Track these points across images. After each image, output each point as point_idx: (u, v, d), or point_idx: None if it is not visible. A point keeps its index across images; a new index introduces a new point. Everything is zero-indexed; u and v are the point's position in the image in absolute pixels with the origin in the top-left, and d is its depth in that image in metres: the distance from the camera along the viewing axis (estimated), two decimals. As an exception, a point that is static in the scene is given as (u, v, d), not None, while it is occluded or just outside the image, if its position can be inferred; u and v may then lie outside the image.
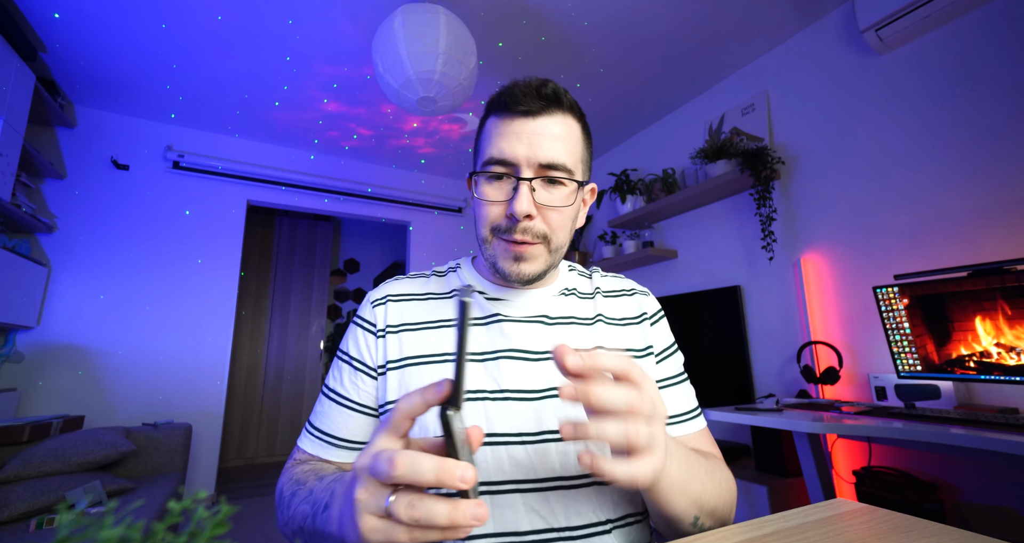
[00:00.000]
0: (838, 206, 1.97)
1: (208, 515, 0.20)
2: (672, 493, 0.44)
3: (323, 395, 0.63)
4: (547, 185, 0.57)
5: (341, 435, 0.60)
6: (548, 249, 0.58)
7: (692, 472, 0.47)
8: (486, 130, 0.60)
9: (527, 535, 0.50)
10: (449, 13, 1.76)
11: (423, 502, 0.30)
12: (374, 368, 0.61)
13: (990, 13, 1.59)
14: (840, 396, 1.88)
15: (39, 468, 1.71)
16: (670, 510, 0.45)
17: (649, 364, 0.62)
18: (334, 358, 0.65)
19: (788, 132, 2.20)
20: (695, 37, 2.21)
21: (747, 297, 2.30)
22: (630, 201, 2.86)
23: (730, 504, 0.54)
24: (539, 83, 0.57)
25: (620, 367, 0.36)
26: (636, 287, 0.70)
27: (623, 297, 0.68)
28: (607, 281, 0.70)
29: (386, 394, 0.59)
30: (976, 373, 1.36)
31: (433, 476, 0.29)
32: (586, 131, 0.62)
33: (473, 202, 0.61)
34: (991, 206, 1.54)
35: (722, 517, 0.52)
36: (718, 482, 0.52)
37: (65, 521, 0.19)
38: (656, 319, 0.67)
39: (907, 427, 1.21)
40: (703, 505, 0.48)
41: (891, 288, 1.55)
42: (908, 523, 0.44)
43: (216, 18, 2.05)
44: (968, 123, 1.62)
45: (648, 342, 0.64)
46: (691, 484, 0.46)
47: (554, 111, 0.57)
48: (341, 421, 0.60)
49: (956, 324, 1.41)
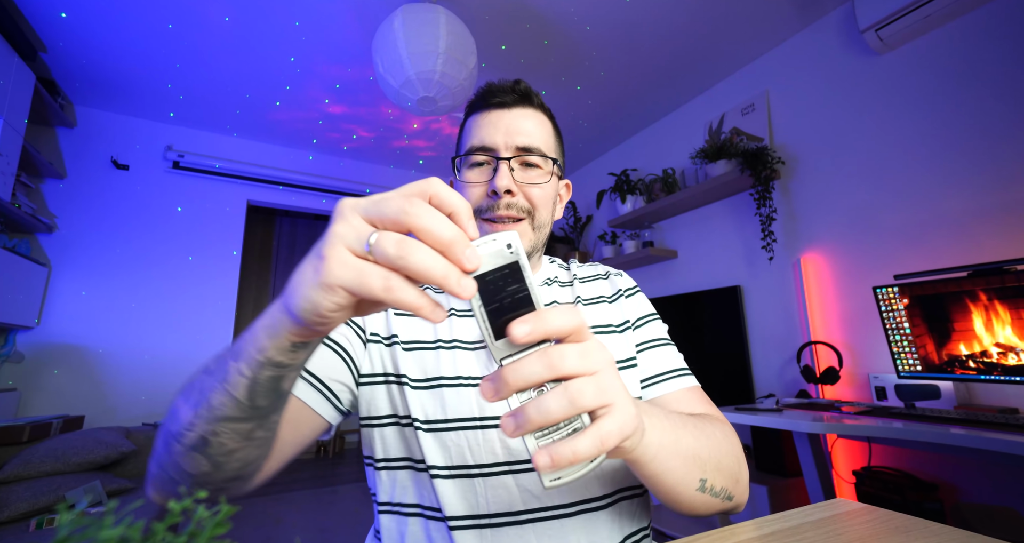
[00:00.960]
0: (838, 206, 1.97)
1: (208, 515, 0.20)
2: (662, 456, 0.38)
3: None
4: (525, 168, 0.61)
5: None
6: (532, 226, 0.60)
7: (678, 428, 0.41)
8: (466, 127, 0.64)
9: (522, 515, 0.51)
10: (449, 13, 1.76)
11: (416, 244, 0.25)
12: (363, 328, 0.59)
13: (990, 13, 1.59)
14: (840, 396, 1.88)
15: (39, 468, 1.71)
16: (668, 478, 0.40)
17: (627, 338, 0.62)
18: None
19: (788, 132, 2.20)
20: (695, 37, 2.21)
21: (747, 297, 2.30)
22: (630, 201, 2.86)
23: (738, 457, 0.49)
24: (512, 82, 0.62)
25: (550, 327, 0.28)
26: (610, 270, 0.73)
27: (598, 280, 0.70)
28: (583, 269, 0.73)
29: (371, 366, 0.57)
30: (976, 373, 1.36)
31: (449, 236, 0.25)
32: (557, 130, 0.67)
33: (456, 185, 0.63)
34: (991, 206, 1.54)
35: (733, 472, 0.47)
36: (713, 435, 0.46)
37: (65, 521, 0.19)
38: (631, 293, 0.68)
39: (907, 427, 1.21)
40: (705, 463, 0.43)
41: (891, 288, 1.55)
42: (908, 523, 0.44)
43: (223, 19, 2.05)
44: (968, 123, 1.61)
45: (625, 316, 0.64)
46: (683, 441, 0.41)
47: (526, 105, 0.62)
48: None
49: (956, 324, 1.41)
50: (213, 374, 0.36)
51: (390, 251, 0.24)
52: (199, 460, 0.38)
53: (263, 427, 0.39)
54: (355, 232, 0.26)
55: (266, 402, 0.36)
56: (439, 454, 0.52)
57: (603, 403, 0.28)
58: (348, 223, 0.26)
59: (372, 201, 0.27)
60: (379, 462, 0.57)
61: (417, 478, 0.54)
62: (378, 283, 0.25)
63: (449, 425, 0.53)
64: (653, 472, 0.39)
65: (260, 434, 0.39)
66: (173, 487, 0.40)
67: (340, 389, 0.55)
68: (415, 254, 0.24)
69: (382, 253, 0.25)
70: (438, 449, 0.52)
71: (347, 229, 0.26)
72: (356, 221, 0.26)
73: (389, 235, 0.25)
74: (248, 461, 0.41)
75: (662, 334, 0.65)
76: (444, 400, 0.54)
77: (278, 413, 0.39)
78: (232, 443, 0.37)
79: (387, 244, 0.25)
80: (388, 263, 0.25)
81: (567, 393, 0.27)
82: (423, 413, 0.54)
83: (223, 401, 0.35)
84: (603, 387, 0.28)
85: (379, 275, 0.25)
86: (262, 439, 0.40)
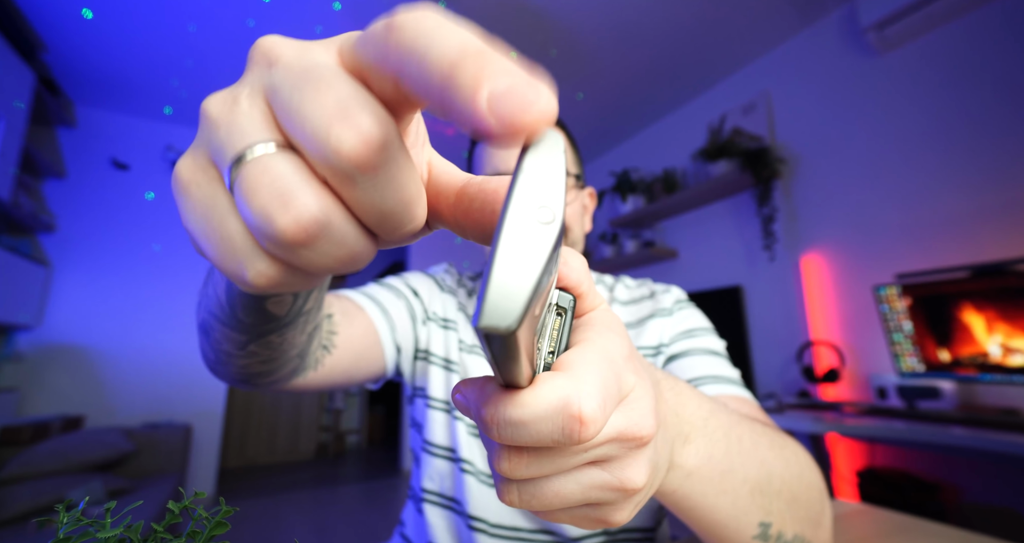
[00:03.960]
0: (839, 206, 1.97)
1: (208, 515, 0.20)
2: (704, 483, 0.26)
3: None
4: None
5: (374, 294, 0.56)
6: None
7: (729, 433, 0.28)
8: (476, 152, 0.60)
9: (524, 532, 0.51)
10: (449, 13, 1.77)
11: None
12: (428, 312, 0.61)
13: (991, 13, 1.59)
14: (841, 396, 1.87)
15: (39, 468, 1.71)
16: (710, 518, 0.28)
17: (658, 363, 0.55)
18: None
19: (789, 132, 2.20)
20: (696, 37, 2.21)
21: (748, 297, 2.30)
22: (631, 201, 2.86)
23: (820, 490, 0.34)
24: None
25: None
26: (657, 288, 0.63)
27: (642, 302, 0.61)
28: (627, 290, 0.64)
29: (428, 343, 0.59)
30: (977, 373, 1.36)
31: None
32: (572, 140, 0.64)
33: None
34: (992, 206, 1.54)
35: (812, 512, 0.32)
36: (782, 454, 0.32)
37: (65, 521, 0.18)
38: (667, 315, 0.58)
39: (908, 427, 1.21)
40: (771, 496, 0.29)
41: (892, 288, 1.55)
42: (909, 523, 0.44)
43: (223, 19, 2.05)
44: (969, 122, 1.61)
45: (660, 339, 0.56)
46: (739, 459, 0.28)
47: None
48: (389, 299, 0.57)
49: (957, 324, 1.41)
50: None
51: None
52: (205, 342, 0.35)
53: (258, 343, 0.33)
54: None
55: (250, 319, 0.30)
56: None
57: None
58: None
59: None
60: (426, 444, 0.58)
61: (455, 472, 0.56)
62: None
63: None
64: (687, 507, 0.27)
65: (255, 350, 0.33)
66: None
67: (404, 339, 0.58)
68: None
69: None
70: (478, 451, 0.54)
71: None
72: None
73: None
74: (254, 372, 0.36)
75: (715, 346, 0.54)
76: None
77: (280, 335, 0.33)
78: (229, 346, 0.33)
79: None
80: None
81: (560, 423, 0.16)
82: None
83: (210, 293, 0.30)
84: (620, 382, 0.17)
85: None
86: (264, 356, 0.34)
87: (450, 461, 0.55)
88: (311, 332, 0.36)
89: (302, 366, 0.40)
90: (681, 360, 0.52)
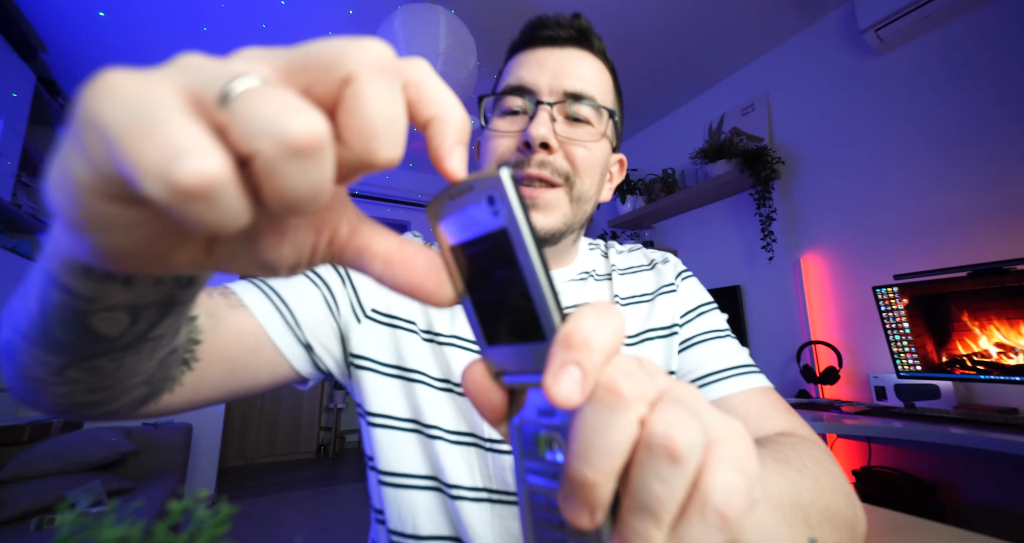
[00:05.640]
0: (838, 206, 1.97)
1: (208, 515, 0.20)
2: (756, 516, 0.26)
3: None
4: (571, 122, 0.47)
5: (281, 292, 0.43)
6: (569, 196, 0.47)
7: (763, 463, 0.28)
8: (505, 68, 0.51)
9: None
10: (449, 13, 1.77)
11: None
12: (364, 307, 0.48)
13: (990, 13, 1.59)
14: (840, 396, 1.88)
15: (39, 468, 1.71)
16: None
17: (671, 345, 0.52)
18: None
19: (788, 132, 2.20)
20: (695, 37, 2.21)
21: (747, 297, 2.30)
22: (630, 201, 2.86)
23: (848, 495, 0.34)
24: (571, 15, 0.49)
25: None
26: (655, 257, 0.60)
27: (641, 272, 0.58)
28: (624, 257, 0.60)
29: (361, 347, 0.46)
30: (976, 373, 1.36)
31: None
32: (617, 88, 0.53)
33: (481, 136, 0.49)
34: (991, 206, 1.54)
35: (847, 519, 0.33)
36: (807, 467, 0.33)
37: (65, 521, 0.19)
38: (674, 286, 0.55)
39: (907, 427, 1.21)
40: (809, 513, 0.29)
41: (891, 288, 1.55)
42: (908, 523, 0.44)
43: (223, 19, 2.05)
44: (968, 123, 1.61)
45: (671, 317, 0.53)
46: (776, 482, 0.29)
47: (584, 47, 0.49)
48: (294, 286, 0.45)
49: (956, 324, 1.41)
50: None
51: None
52: (8, 369, 0.27)
53: (80, 368, 0.25)
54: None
55: (70, 337, 0.23)
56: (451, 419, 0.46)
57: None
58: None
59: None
60: (371, 416, 0.48)
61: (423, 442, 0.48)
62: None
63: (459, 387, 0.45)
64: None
65: (76, 376, 0.26)
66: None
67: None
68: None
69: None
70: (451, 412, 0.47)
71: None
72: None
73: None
74: (77, 402, 0.28)
75: (719, 324, 0.53)
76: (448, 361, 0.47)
77: (115, 360, 0.25)
78: (40, 372, 0.26)
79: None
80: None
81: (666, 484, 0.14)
82: (436, 371, 0.47)
83: (17, 306, 0.25)
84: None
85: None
86: (90, 384, 0.27)
87: (428, 491, 0.45)
88: (164, 357, 0.29)
89: (152, 392, 0.33)
90: (695, 350, 0.50)
